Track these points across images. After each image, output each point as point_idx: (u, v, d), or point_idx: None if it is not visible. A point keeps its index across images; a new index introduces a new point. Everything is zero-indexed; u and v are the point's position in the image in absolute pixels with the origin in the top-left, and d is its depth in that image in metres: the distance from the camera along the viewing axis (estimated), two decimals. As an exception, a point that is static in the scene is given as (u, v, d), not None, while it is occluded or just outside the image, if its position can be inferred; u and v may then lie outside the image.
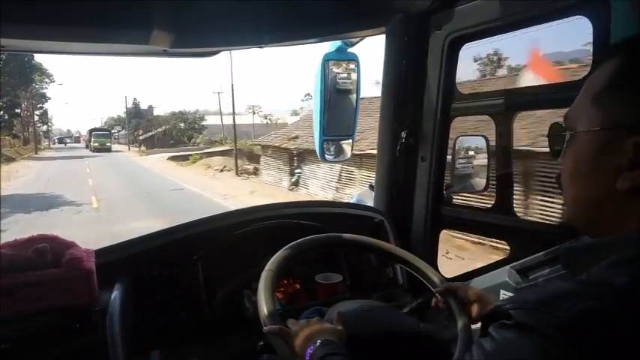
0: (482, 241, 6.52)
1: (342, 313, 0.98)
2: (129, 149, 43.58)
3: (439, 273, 1.17)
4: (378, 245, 1.24)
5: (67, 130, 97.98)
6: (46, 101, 43.14)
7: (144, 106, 50.12)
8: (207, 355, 1.26)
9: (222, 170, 20.43)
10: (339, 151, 1.82)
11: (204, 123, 41.12)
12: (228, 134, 35.59)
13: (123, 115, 53.82)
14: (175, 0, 1.26)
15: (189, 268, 1.35)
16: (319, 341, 0.83)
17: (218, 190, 14.48)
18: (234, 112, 23.81)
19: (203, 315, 1.34)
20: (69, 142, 69.32)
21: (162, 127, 40.46)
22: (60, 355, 1.05)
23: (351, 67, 1.67)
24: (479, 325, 0.74)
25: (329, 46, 1.67)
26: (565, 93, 1.20)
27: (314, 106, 1.72)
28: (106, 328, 1.07)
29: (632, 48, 0.60)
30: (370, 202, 1.79)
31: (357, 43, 1.67)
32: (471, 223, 1.51)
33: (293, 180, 15.02)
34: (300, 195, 13.66)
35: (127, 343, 1.11)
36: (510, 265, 1.28)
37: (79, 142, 66.36)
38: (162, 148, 36.21)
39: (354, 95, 1.70)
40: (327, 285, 1.43)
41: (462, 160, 1.58)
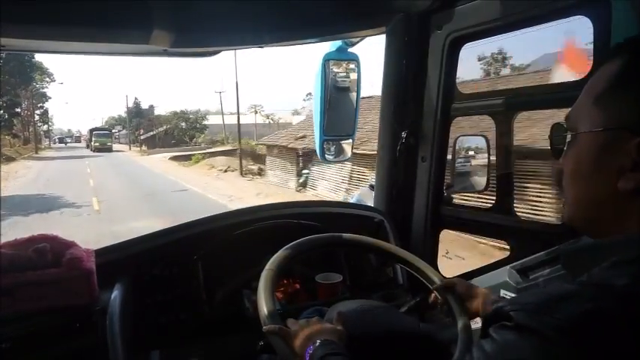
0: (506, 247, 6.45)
1: (342, 313, 0.98)
2: (130, 149, 43.57)
3: (439, 273, 1.17)
4: (377, 245, 1.24)
5: (68, 130, 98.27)
6: (47, 100, 43.18)
7: (145, 106, 50.14)
8: (207, 355, 1.26)
9: (225, 171, 20.11)
10: (339, 151, 1.82)
11: (205, 122, 41.03)
12: (229, 134, 35.57)
13: (124, 115, 53.85)
14: (175, 0, 1.26)
15: (189, 267, 1.35)
16: (319, 341, 0.83)
17: (223, 192, 14.14)
18: (238, 111, 23.41)
19: (203, 315, 1.34)
20: (69, 141, 69.46)
21: (164, 127, 40.35)
22: (60, 355, 1.05)
23: (351, 66, 1.67)
24: (479, 326, 0.74)
25: (329, 46, 1.67)
26: (565, 93, 1.20)
27: (314, 106, 1.73)
28: (106, 327, 1.07)
29: (635, 48, 0.59)
30: (370, 202, 1.79)
31: (358, 43, 1.67)
32: (471, 223, 1.51)
33: (300, 181, 14.62)
34: (309, 197, 13.22)
35: (127, 342, 1.11)
36: (510, 265, 1.28)
37: (79, 142, 66.45)
38: (164, 147, 36.10)
39: (353, 94, 1.70)
40: (327, 285, 1.43)
41: (462, 160, 1.58)
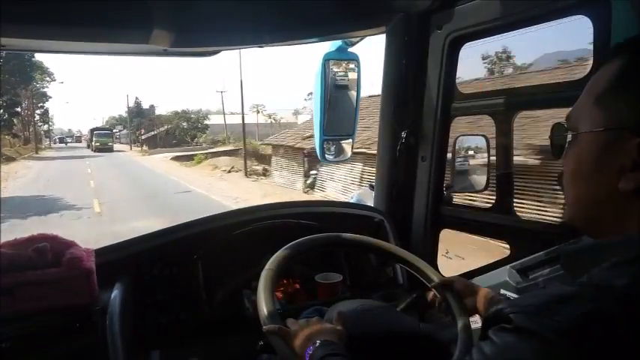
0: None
1: (342, 313, 0.98)
2: (131, 149, 43.53)
3: (439, 272, 1.17)
4: (377, 245, 1.24)
5: (68, 130, 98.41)
6: (47, 100, 43.08)
7: (145, 106, 50.07)
8: (207, 355, 1.25)
9: (229, 171, 19.71)
10: (339, 151, 1.82)
11: (207, 122, 40.91)
12: (230, 134, 35.50)
13: (124, 115, 53.78)
14: (175, 0, 1.26)
15: (189, 267, 1.35)
16: (319, 341, 0.83)
17: (228, 193, 13.70)
18: (242, 111, 22.94)
19: (203, 315, 1.34)
20: (70, 141, 69.53)
21: (165, 127, 40.22)
22: (60, 355, 1.05)
23: (351, 66, 1.67)
24: (479, 325, 0.74)
25: (329, 46, 1.67)
26: (565, 92, 1.21)
27: (314, 106, 1.73)
28: (106, 327, 1.07)
29: (635, 48, 0.59)
30: (370, 202, 1.79)
31: (358, 42, 1.67)
32: (471, 222, 1.51)
33: (308, 182, 14.09)
34: (317, 198, 12.73)
35: (127, 342, 1.11)
36: (510, 265, 1.28)
37: (80, 142, 66.52)
38: (165, 147, 36.00)
39: (353, 94, 1.70)
40: (327, 285, 1.43)
41: (462, 160, 1.58)
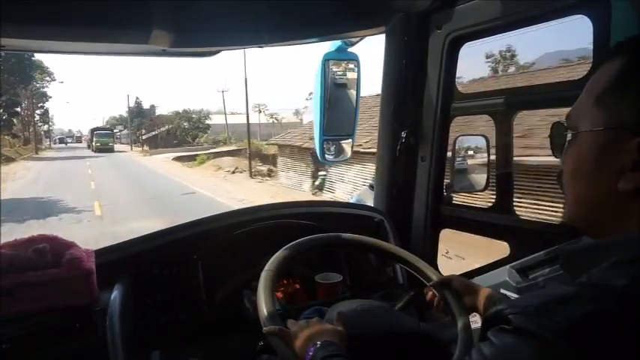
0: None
1: (342, 313, 0.98)
2: (131, 149, 43.36)
3: (439, 272, 1.17)
4: (377, 245, 1.24)
5: (69, 130, 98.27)
6: (47, 100, 42.78)
7: (146, 106, 50.02)
8: (207, 355, 1.25)
9: (233, 172, 19.28)
10: (339, 151, 1.82)
11: (208, 122, 40.74)
12: (232, 134, 35.42)
13: (125, 115, 53.69)
14: (175, 0, 1.26)
15: (189, 267, 1.35)
16: (319, 343, 0.83)
17: (233, 195, 13.30)
18: (247, 110, 22.50)
19: (203, 315, 1.34)
20: (70, 141, 69.45)
21: (166, 127, 40.01)
22: (60, 355, 1.05)
23: (350, 66, 1.67)
24: (479, 325, 0.75)
25: (329, 46, 1.67)
26: (565, 92, 1.21)
27: (314, 106, 1.73)
28: (106, 328, 1.07)
29: (635, 48, 0.59)
30: (370, 202, 1.79)
31: (357, 42, 1.67)
32: (471, 222, 1.51)
33: (317, 183, 13.71)
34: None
35: (127, 343, 1.11)
36: (510, 265, 1.28)
37: (80, 142, 66.47)
38: (166, 147, 35.82)
39: (353, 93, 1.70)
40: (327, 285, 1.43)
41: (461, 160, 1.58)
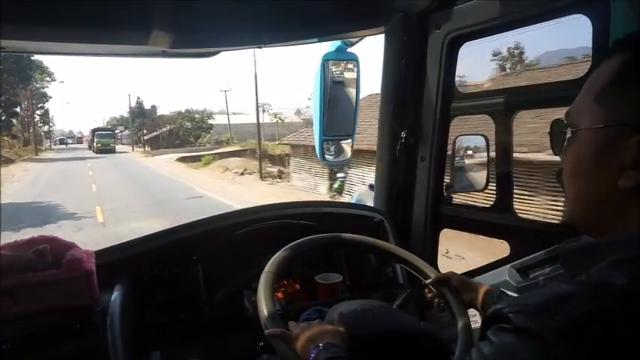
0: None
1: (343, 314, 0.98)
2: (133, 150, 43.24)
3: (439, 272, 1.17)
4: (377, 245, 1.24)
5: (69, 131, 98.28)
6: (47, 100, 42.52)
7: (147, 106, 50.01)
8: (207, 355, 1.25)
9: (242, 173, 18.44)
10: (339, 151, 1.83)
11: (211, 122, 40.48)
12: (234, 134, 35.28)
13: (125, 115, 53.66)
14: (175, 0, 1.26)
15: (189, 268, 1.36)
16: (321, 344, 0.83)
17: (246, 198, 12.11)
18: (257, 108, 21.65)
19: (203, 315, 1.34)
20: (70, 142, 69.44)
21: (168, 127, 39.66)
22: (60, 356, 1.05)
23: (349, 66, 1.67)
24: (479, 325, 0.74)
25: (329, 46, 1.67)
26: (565, 91, 1.20)
27: (314, 106, 1.73)
28: (107, 328, 1.07)
29: (635, 45, 0.58)
30: (370, 202, 1.79)
31: (357, 42, 1.67)
32: (471, 222, 1.51)
33: (335, 186, 12.89)
34: None
35: (128, 343, 1.11)
36: (510, 265, 1.29)
37: (81, 143, 66.49)
38: (168, 148, 35.52)
39: (352, 93, 1.70)
40: (327, 285, 1.43)
41: (461, 160, 1.58)
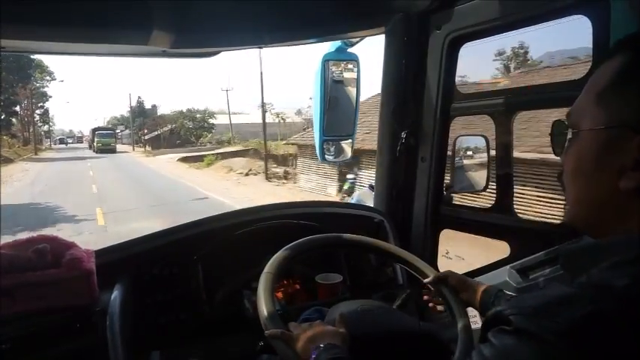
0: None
1: (344, 314, 0.98)
2: (133, 149, 43.09)
3: (438, 272, 1.17)
4: (377, 245, 1.24)
5: (70, 130, 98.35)
6: (47, 100, 42.52)
7: (148, 105, 49.98)
8: (207, 355, 1.26)
9: (247, 174, 17.76)
10: (339, 151, 1.83)
11: (212, 121, 40.23)
12: (236, 134, 35.16)
13: (126, 114, 53.68)
14: (175, 0, 1.26)
15: (189, 268, 1.35)
16: (322, 345, 0.83)
17: (253, 200, 11.60)
18: (263, 108, 21.17)
19: (203, 315, 1.34)
20: (71, 142, 69.42)
21: (169, 126, 39.32)
22: (60, 356, 1.05)
23: (349, 66, 1.67)
24: (479, 326, 0.74)
25: (329, 46, 1.67)
26: (565, 92, 1.20)
27: (314, 106, 1.73)
28: (107, 328, 1.07)
29: (636, 45, 0.58)
30: (370, 202, 1.79)
31: (357, 43, 1.67)
32: (471, 223, 1.51)
33: (345, 188, 12.39)
34: None
35: (127, 343, 1.11)
36: (510, 265, 1.29)
37: (81, 142, 66.51)
38: (169, 148, 35.18)
39: (352, 93, 1.70)
40: (327, 285, 1.43)
41: (461, 160, 1.58)
